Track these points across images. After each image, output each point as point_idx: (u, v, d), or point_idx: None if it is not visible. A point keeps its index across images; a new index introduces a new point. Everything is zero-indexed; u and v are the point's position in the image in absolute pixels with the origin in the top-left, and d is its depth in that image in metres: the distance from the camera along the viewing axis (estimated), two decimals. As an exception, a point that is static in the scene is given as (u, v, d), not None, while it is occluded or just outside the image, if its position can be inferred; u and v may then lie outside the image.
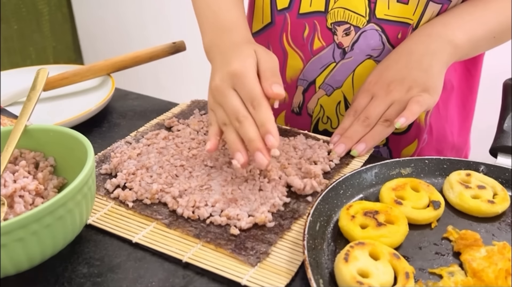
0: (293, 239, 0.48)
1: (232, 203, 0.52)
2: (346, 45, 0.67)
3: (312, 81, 0.72)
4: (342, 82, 0.70)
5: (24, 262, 0.42)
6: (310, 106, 0.74)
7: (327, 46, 0.69)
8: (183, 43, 0.82)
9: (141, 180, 0.56)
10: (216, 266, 0.45)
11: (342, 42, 0.67)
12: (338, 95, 0.71)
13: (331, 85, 0.71)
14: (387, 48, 0.66)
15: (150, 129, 0.68)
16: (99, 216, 0.52)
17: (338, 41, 0.67)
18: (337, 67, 0.69)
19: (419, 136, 0.72)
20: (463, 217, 0.51)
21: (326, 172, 0.59)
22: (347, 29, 0.66)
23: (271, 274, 0.44)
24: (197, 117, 0.71)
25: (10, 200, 0.47)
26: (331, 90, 0.71)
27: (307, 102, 0.74)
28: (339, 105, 0.72)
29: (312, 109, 0.74)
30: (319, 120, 0.74)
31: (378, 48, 0.66)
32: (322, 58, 0.70)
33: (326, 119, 0.74)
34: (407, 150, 0.74)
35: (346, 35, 0.66)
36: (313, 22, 0.68)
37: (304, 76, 0.72)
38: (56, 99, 0.79)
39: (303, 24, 0.69)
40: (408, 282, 0.41)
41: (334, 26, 0.67)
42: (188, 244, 0.48)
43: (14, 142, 0.50)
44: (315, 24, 0.68)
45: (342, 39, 0.67)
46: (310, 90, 0.73)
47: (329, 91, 0.71)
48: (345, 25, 0.66)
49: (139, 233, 0.49)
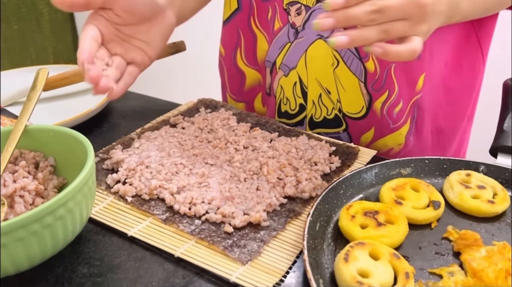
0: (286, 239, 0.49)
1: (228, 201, 0.52)
2: (298, 24, 0.69)
3: (274, 62, 0.73)
4: (296, 62, 0.71)
5: (24, 262, 0.42)
6: (274, 86, 0.75)
7: (284, 27, 0.70)
8: (183, 43, 0.82)
9: (141, 175, 0.56)
10: (207, 262, 0.45)
11: (295, 22, 0.69)
12: (294, 75, 0.72)
13: (287, 66, 0.72)
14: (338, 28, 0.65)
15: (155, 127, 0.69)
16: (98, 209, 0.53)
17: (292, 21, 0.69)
18: (291, 47, 0.70)
19: (375, 125, 0.71)
20: (463, 217, 0.51)
21: (326, 174, 0.59)
22: (298, 9, 0.68)
23: (261, 273, 0.44)
24: (202, 115, 0.71)
25: (10, 200, 0.47)
26: (288, 70, 0.72)
27: (273, 83, 0.75)
28: (295, 86, 0.72)
29: (275, 89, 0.75)
30: (281, 102, 0.75)
31: None
32: (280, 39, 0.71)
33: (286, 100, 0.74)
34: (365, 136, 0.72)
35: (298, 14, 0.68)
36: (274, 4, 0.70)
37: (269, 57, 0.74)
38: (56, 99, 0.80)
39: (266, 6, 0.71)
40: (408, 282, 0.41)
41: (288, 6, 0.69)
42: (182, 240, 0.48)
43: (14, 142, 0.50)
44: (275, 6, 0.70)
45: (294, 19, 0.69)
46: (274, 71, 0.74)
47: (286, 71, 0.72)
48: (296, 4, 0.68)
49: (135, 227, 0.50)
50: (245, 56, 0.75)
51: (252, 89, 0.76)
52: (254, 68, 0.75)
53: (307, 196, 0.54)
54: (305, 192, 0.54)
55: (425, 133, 0.74)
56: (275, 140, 0.64)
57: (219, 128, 0.67)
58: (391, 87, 0.68)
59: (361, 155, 0.63)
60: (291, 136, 0.66)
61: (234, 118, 0.70)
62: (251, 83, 0.76)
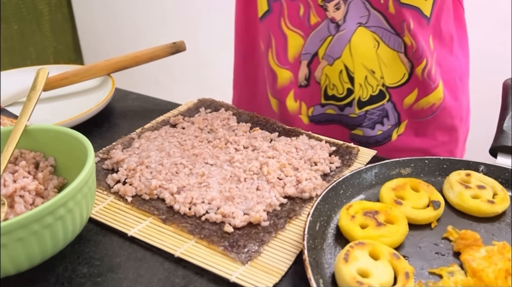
0: (286, 239, 0.49)
1: (228, 200, 0.52)
2: (339, 18, 0.71)
3: (315, 53, 0.75)
4: (340, 52, 0.73)
5: (24, 262, 0.42)
6: (317, 75, 0.77)
7: (322, 21, 0.72)
8: (183, 43, 0.82)
9: (141, 175, 0.56)
10: (207, 262, 0.45)
11: (335, 16, 0.71)
12: (339, 64, 0.74)
13: (331, 56, 0.74)
14: (373, 13, 0.70)
15: (155, 127, 0.69)
16: (98, 209, 0.53)
17: (331, 16, 0.71)
18: (333, 40, 0.73)
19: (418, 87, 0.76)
20: (463, 217, 0.51)
21: (325, 174, 0.59)
22: (337, 4, 0.70)
23: (261, 273, 0.44)
24: (202, 115, 0.71)
25: (10, 200, 0.47)
26: (332, 60, 0.74)
27: (313, 73, 0.77)
28: (341, 74, 0.75)
29: (319, 77, 0.77)
30: (327, 87, 0.78)
31: (365, 15, 0.70)
32: (319, 32, 0.73)
33: (332, 86, 0.77)
34: (408, 98, 0.77)
35: (337, 9, 0.70)
36: (306, 1, 0.72)
37: (306, 50, 0.76)
38: (56, 99, 0.79)
39: (297, 5, 0.73)
40: (408, 282, 0.41)
41: (325, 3, 0.71)
42: (182, 240, 0.48)
43: (14, 142, 0.50)
44: (308, 2, 0.72)
45: (333, 14, 0.71)
46: (315, 61, 0.76)
47: (331, 61, 0.75)
48: (333, 0, 0.70)
49: (135, 227, 0.50)
50: (276, 57, 0.77)
51: (283, 88, 0.79)
52: (285, 68, 0.77)
53: (307, 196, 0.54)
54: (305, 192, 0.54)
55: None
56: (275, 140, 0.65)
57: (219, 128, 0.67)
58: (428, 57, 0.73)
59: (361, 154, 0.63)
60: (291, 136, 0.66)
61: (234, 118, 0.70)
62: (283, 82, 0.78)
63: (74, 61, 2.33)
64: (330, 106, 0.78)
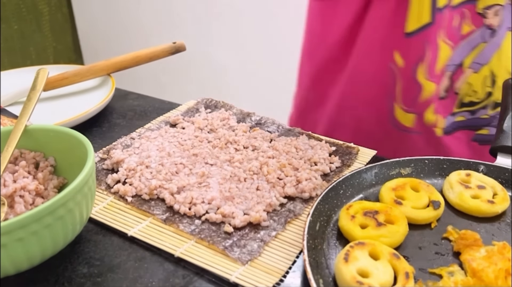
0: (286, 239, 0.49)
1: (228, 200, 0.52)
2: (497, 24, 0.71)
3: (459, 63, 0.74)
4: (489, 58, 0.73)
5: (24, 262, 0.42)
6: (457, 85, 0.76)
7: (477, 29, 0.72)
8: (183, 44, 0.82)
9: (141, 175, 0.56)
10: (207, 262, 0.45)
11: (493, 23, 0.71)
12: (485, 70, 0.74)
13: (479, 63, 0.74)
14: None
15: (155, 126, 0.69)
16: (98, 209, 0.52)
17: (489, 23, 0.70)
18: (486, 46, 0.72)
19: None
20: (463, 217, 0.51)
21: (325, 174, 0.59)
22: (497, 11, 0.70)
23: (261, 273, 0.44)
24: (202, 115, 0.71)
25: (10, 200, 0.47)
26: (479, 67, 0.74)
27: (454, 84, 0.76)
28: (486, 79, 0.74)
29: (459, 87, 0.76)
30: (465, 95, 0.77)
31: None
32: (470, 41, 0.73)
33: (473, 92, 0.76)
34: None
35: (495, 15, 0.70)
36: (462, 11, 0.71)
37: (452, 61, 0.74)
38: (56, 99, 0.79)
39: (452, 15, 0.72)
40: (408, 282, 0.41)
41: (485, 10, 0.70)
42: (182, 240, 0.48)
43: (14, 142, 0.50)
44: (464, 12, 0.71)
45: (492, 20, 0.70)
46: (458, 72, 0.75)
47: (477, 68, 0.74)
48: (495, 7, 0.70)
49: (135, 227, 0.50)
50: (428, 69, 0.75)
51: (426, 101, 0.76)
52: (432, 81, 0.75)
53: (307, 196, 0.54)
54: (305, 192, 0.54)
55: None
56: (275, 140, 0.64)
57: (219, 128, 0.67)
58: None
59: (361, 154, 0.63)
60: (291, 136, 0.66)
61: (234, 118, 0.70)
62: (427, 95, 0.76)
63: (74, 61, 2.33)
64: (461, 114, 0.77)
